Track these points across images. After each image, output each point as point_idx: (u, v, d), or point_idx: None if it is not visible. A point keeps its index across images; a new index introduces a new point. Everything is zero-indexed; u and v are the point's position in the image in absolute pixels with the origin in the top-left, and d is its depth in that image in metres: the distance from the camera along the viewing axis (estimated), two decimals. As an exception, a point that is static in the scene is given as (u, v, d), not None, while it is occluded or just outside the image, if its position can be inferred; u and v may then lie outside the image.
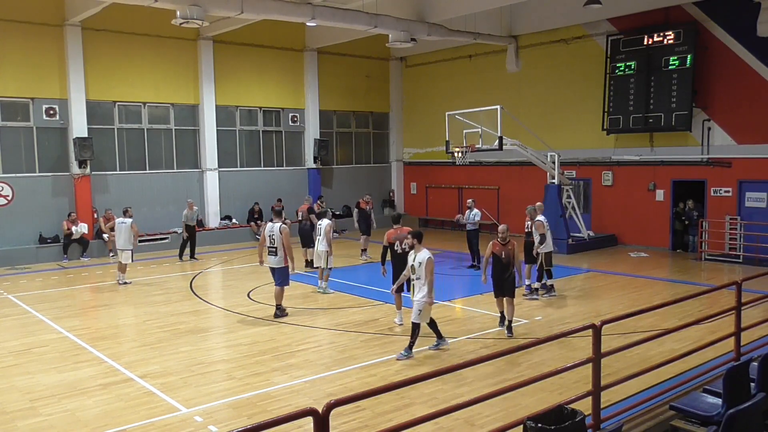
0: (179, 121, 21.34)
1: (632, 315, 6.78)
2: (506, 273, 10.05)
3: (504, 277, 10.08)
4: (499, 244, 10.15)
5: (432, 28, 18.94)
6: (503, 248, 10.11)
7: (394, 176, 27.10)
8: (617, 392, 6.75)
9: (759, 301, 8.64)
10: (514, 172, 22.05)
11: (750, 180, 16.81)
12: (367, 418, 6.91)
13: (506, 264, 10.04)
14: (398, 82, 26.67)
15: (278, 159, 23.71)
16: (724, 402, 5.59)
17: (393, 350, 9.43)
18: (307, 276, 15.16)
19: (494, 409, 6.91)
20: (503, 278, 10.10)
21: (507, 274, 10.05)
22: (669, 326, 8.11)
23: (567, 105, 20.67)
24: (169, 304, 12.78)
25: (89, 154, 18.65)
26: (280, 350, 9.58)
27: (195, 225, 18.45)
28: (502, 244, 10.13)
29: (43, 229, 18.64)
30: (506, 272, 10.05)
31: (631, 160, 19.08)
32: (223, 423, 6.98)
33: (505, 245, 10.11)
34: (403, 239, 10.64)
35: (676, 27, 17.59)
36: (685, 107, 17.38)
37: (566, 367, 6.27)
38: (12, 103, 18.27)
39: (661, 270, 15.87)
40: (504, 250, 10.07)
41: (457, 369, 5.60)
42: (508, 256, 10.04)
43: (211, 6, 15.08)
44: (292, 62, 23.55)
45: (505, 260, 10.03)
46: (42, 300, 13.39)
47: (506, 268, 10.04)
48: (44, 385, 8.26)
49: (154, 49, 20.37)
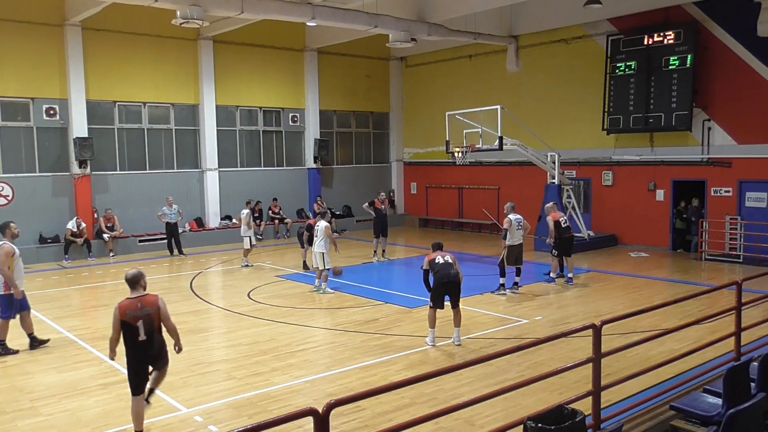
0: (179, 121, 21.35)
1: (632, 315, 6.78)
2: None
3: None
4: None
5: (432, 28, 18.94)
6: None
7: (394, 176, 27.10)
8: (617, 392, 6.75)
9: (759, 301, 8.65)
10: (514, 172, 22.05)
11: (750, 180, 16.81)
12: (367, 418, 6.91)
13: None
14: (398, 82, 26.67)
15: (278, 159, 23.71)
16: (725, 402, 5.59)
17: (393, 350, 9.44)
18: (307, 276, 15.17)
19: (494, 409, 6.91)
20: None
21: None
22: (669, 326, 8.10)
23: (567, 105, 20.67)
24: (169, 304, 12.43)
25: (89, 154, 18.66)
26: (280, 350, 9.58)
27: (176, 222, 19.07)
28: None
29: (43, 229, 18.64)
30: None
31: (632, 160, 19.08)
32: (223, 423, 6.98)
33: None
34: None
35: (676, 27, 17.59)
36: (685, 107, 17.38)
37: (566, 367, 6.26)
38: (12, 103, 18.27)
39: (662, 270, 15.87)
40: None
41: (457, 369, 5.61)
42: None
43: (211, 6, 15.08)
44: (292, 62, 23.55)
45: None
46: (42, 300, 13.37)
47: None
48: (44, 385, 8.26)
49: (154, 49, 20.37)
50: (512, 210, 13.44)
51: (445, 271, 9.53)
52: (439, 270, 9.54)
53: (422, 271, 9.76)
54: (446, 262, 9.63)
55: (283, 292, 13.78)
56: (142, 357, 6.39)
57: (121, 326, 6.30)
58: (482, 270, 15.44)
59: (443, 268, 9.55)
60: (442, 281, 9.51)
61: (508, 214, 13.36)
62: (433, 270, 9.59)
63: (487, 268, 15.28)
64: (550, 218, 14.04)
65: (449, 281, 9.52)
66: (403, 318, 11.33)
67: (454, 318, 9.70)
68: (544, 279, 14.34)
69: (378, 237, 17.64)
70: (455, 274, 9.60)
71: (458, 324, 9.68)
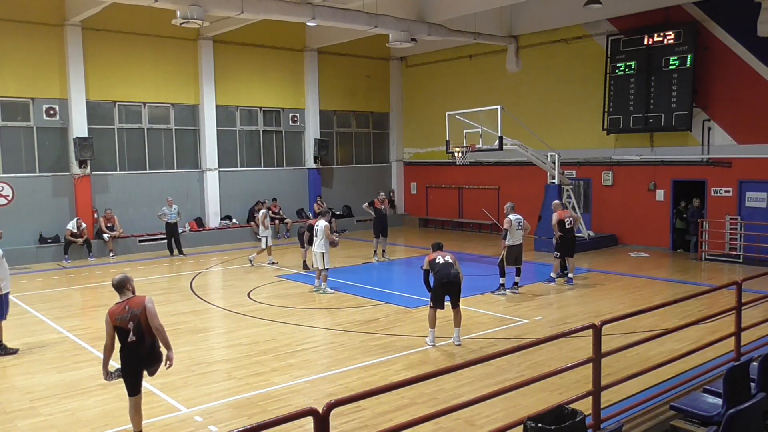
0: (179, 121, 21.34)
1: (632, 315, 6.78)
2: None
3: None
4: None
5: (432, 28, 18.94)
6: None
7: (394, 176, 27.10)
8: (617, 392, 6.75)
9: (759, 301, 8.65)
10: (514, 172, 22.05)
11: (750, 180, 16.81)
12: (367, 418, 6.90)
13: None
14: (398, 82, 26.66)
15: (278, 159, 23.71)
16: (725, 402, 5.59)
17: (393, 350, 9.44)
18: (307, 276, 15.17)
19: (494, 409, 6.91)
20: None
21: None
22: (669, 326, 8.10)
23: (567, 105, 20.67)
24: (169, 304, 12.76)
25: (89, 154, 18.66)
26: (280, 350, 9.58)
27: (176, 222, 19.10)
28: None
29: (43, 229, 18.64)
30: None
31: (632, 160, 19.08)
32: (223, 423, 6.98)
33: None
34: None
35: (676, 27, 17.59)
36: (685, 107, 17.38)
37: (566, 367, 6.26)
38: (12, 103, 18.27)
39: (661, 270, 15.87)
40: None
41: (457, 369, 5.61)
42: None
43: (211, 6, 15.08)
44: (292, 62, 23.55)
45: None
46: (42, 300, 13.39)
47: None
48: (44, 385, 8.26)
49: (154, 49, 20.37)
50: (512, 210, 13.46)
51: (445, 271, 9.52)
52: (440, 270, 9.54)
53: (422, 271, 9.75)
54: (446, 262, 9.63)
55: (283, 292, 13.79)
56: (133, 357, 6.39)
57: (114, 331, 6.34)
58: (482, 270, 15.44)
59: (443, 268, 9.55)
60: (442, 281, 9.51)
61: (509, 215, 13.38)
62: (434, 270, 9.58)
63: (487, 268, 15.28)
64: (556, 215, 14.08)
65: (449, 281, 9.52)
66: (403, 318, 11.33)
67: (454, 318, 9.70)
68: (544, 279, 14.34)
69: (378, 237, 17.62)
70: (455, 274, 9.60)
71: (458, 324, 9.67)
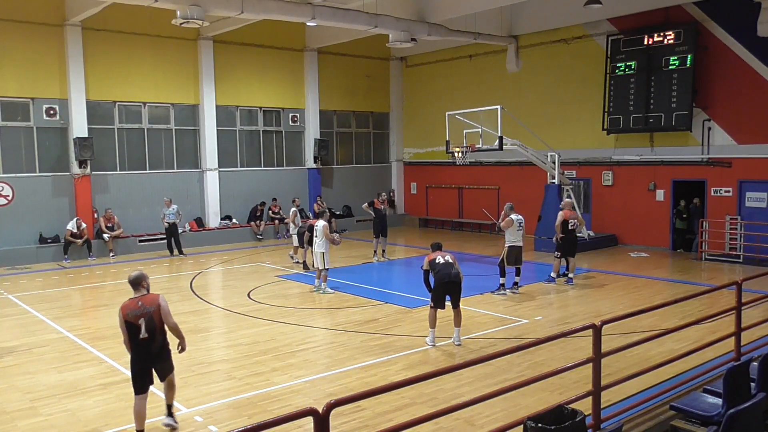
0: (179, 121, 21.34)
1: (632, 315, 6.78)
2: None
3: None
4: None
5: (432, 28, 18.94)
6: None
7: (394, 176, 27.10)
8: (617, 392, 6.74)
9: (759, 301, 8.65)
10: (514, 172, 22.05)
11: (750, 180, 16.81)
12: (367, 418, 6.90)
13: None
14: (398, 82, 26.66)
15: (278, 159, 23.71)
16: (725, 402, 5.60)
17: (393, 350, 9.44)
18: (307, 276, 15.17)
19: (494, 409, 6.91)
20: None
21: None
22: (669, 326, 8.10)
23: (567, 105, 20.67)
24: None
25: (89, 154, 18.66)
26: (280, 350, 9.58)
27: (175, 222, 19.07)
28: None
29: (43, 229, 18.63)
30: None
31: (632, 160, 19.08)
32: (223, 423, 6.98)
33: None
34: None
35: (676, 27, 17.59)
36: (685, 107, 17.38)
37: (566, 367, 6.26)
38: (12, 103, 18.27)
39: (662, 270, 15.86)
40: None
41: (457, 369, 5.61)
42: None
43: (211, 6, 15.08)
44: (292, 62, 23.55)
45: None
46: (42, 300, 13.39)
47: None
48: (44, 385, 8.26)
49: (154, 49, 20.37)
50: (512, 210, 13.45)
51: (445, 271, 9.52)
52: (440, 270, 9.54)
53: (422, 272, 9.75)
54: (447, 262, 9.63)
55: (283, 292, 13.79)
56: (144, 355, 6.41)
57: (125, 326, 6.35)
58: (482, 270, 15.44)
59: (444, 268, 9.55)
60: (442, 281, 9.51)
61: (509, 215, 13.36)
62: (434, 270, 9.58)
63: (487, 268, 15.28)
64: (562, 214, 14.03)
65: (450, 281, 9.52)
66: (403, 318, 11.33)
67: (454, 318, 9.70)
68: (544, 279, 14.34)
69: (378, 237, 17.61)
70: (456, 274, 9.60)
71: (458, 324, 9.67)
